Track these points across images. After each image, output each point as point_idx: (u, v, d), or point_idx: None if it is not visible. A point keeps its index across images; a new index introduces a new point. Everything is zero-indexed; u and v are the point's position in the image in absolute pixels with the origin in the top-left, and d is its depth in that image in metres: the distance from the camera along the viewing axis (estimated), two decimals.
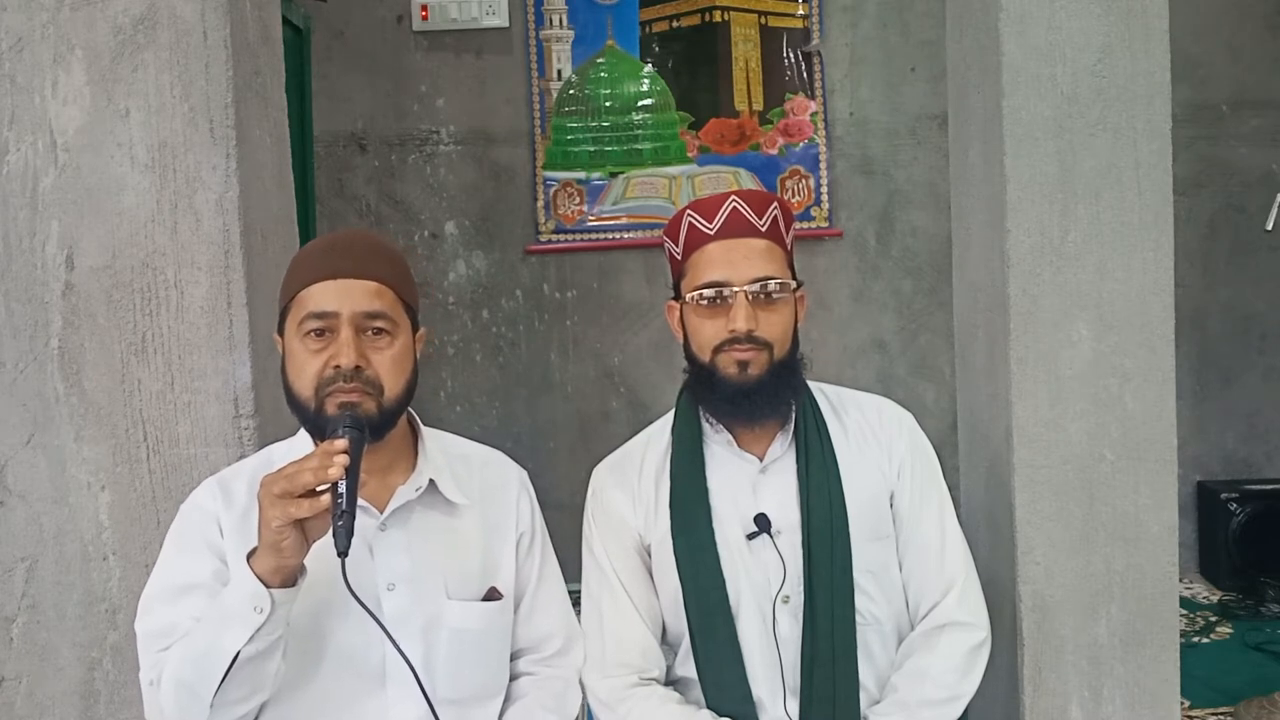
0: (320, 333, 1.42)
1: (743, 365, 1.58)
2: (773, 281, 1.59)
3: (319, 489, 1.29)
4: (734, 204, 1.61)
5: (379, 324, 1.44)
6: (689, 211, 1.63)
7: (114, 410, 1.77)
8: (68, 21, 1.75)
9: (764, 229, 1.61)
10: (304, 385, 1.43)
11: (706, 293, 1.59)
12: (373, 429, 1.41)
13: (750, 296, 1.57)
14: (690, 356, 1.65)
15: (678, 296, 1.66)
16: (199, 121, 1.75)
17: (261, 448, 1.65)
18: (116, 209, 1.76)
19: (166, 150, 1.76)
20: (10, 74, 1.76)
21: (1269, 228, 2.79)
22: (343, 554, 1.28)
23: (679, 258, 1.66)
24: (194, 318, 1.77)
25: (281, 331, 1.49)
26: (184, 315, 1.77)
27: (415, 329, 1.52)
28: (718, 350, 1.59)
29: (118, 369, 1.77)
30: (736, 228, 1.60)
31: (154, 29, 1.75)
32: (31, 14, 1.75)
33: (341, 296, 1.42)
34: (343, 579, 1.30)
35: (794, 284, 1.62)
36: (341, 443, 1.32)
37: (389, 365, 1.44)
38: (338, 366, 1.41)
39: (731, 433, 1.66)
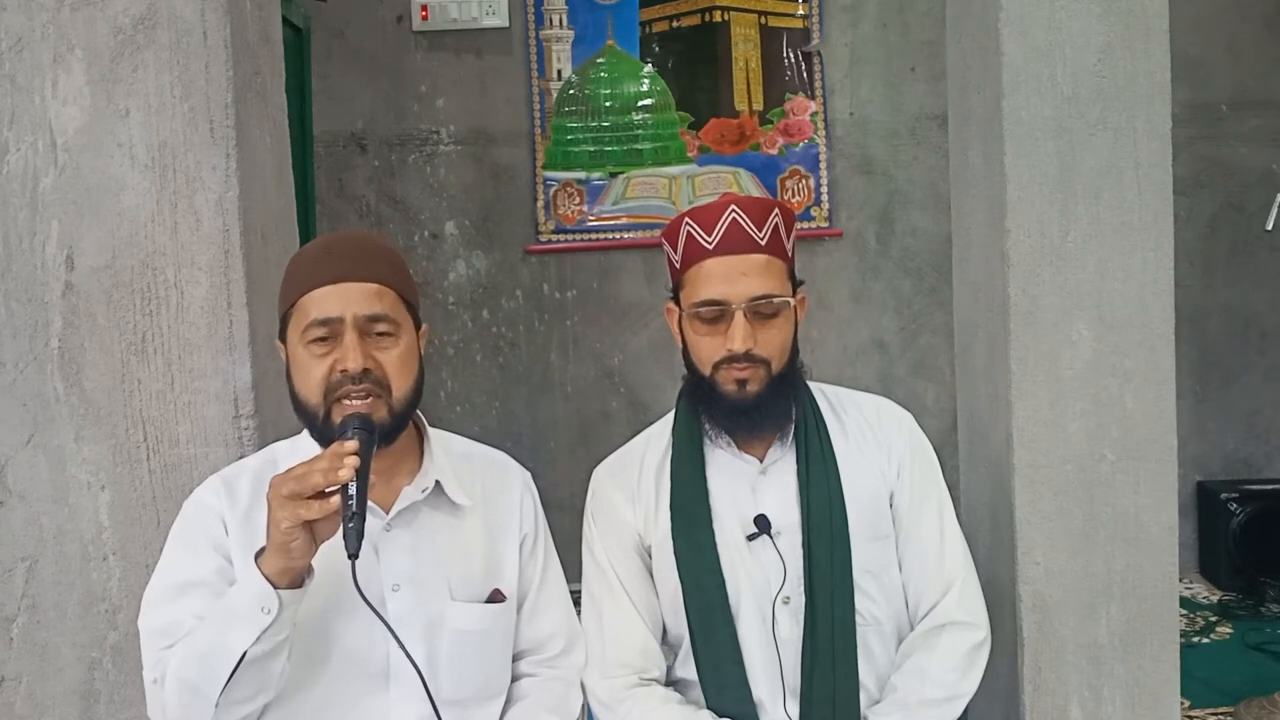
0: (324, 338, 1.41)
1: (741, 383, 1.58)
2: (771, 299, 1.58)
3: (329, 490, 1.29)
4: (733, 215, 1.58)
5: (382, 325, 1.43)
6: (688, 220, 1.61)
7: (114, 410, 1.77)
8: (68, 21, 1.75)
9: (764, 242, 1.58)
10: (311, 391, 1.42)
11: (704, 311, 1.58)
12: (383, 433, 1.40)
13: (748, 315, 1.56)
14: (689, 365, 1.65)
15: (676, 300, 1.66)
16: (199, 121, 1.75)
17: (261, 448, 1.64)
18: (116, 209, 1.76)
19: (166, 150, 1.75)
20: (10, 74, 1.76)
21: (1269, 228, 2.80)
22: (353, 556, 1.28)
23: (677, 266, 1.64)
24: (194, 318, 1.76)
25: (283, 338, 1.48)
26: (184, 315, 1.76)
27: (418, 326, 1.52)
28: (716, 367, 1.59)
29: (118, 369, 1.77)
30: (735, 243, 1.58)
31: (154, 29, 1.75)
32: (31, 14, 1.75)
33: (343, 300, 1.41)
34: (351, 580, 1.30)
35: (792, 300, 1.61)
36: (351, 444, 1.31)
37: (396, 365, 1.44)
38: (344, 371, 1.40)
39: (731, 436, 1.66)
